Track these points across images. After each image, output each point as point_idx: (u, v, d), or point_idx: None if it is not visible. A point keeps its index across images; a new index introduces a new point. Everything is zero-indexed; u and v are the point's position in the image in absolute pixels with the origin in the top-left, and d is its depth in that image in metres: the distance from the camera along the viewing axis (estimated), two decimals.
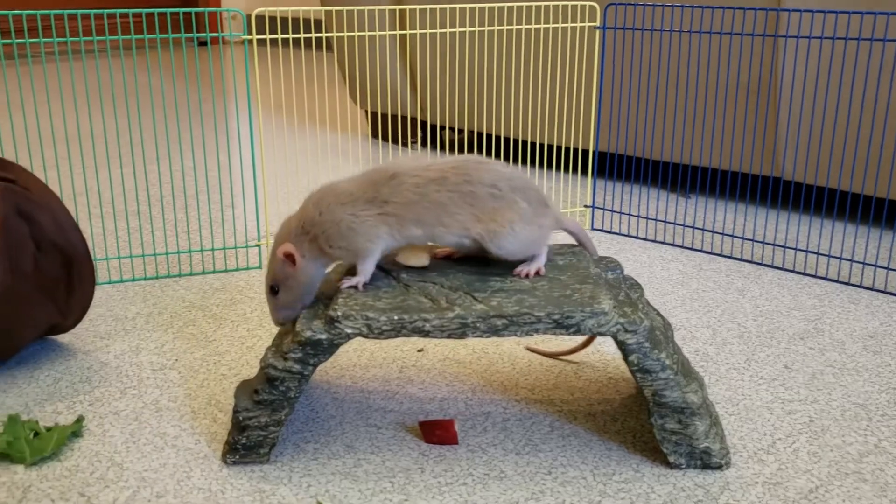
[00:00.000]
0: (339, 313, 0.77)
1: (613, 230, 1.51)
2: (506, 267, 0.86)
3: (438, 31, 1.38)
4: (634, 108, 1.62)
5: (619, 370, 1.01)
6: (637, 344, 0.77)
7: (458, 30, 1.39)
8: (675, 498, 0.76)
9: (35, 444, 0.81)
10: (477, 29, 1.42)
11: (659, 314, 0.88)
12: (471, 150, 2.11)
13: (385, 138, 2.21)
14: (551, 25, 1.42)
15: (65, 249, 0.97)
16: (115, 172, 1.76)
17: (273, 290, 0.83)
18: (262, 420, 0.80)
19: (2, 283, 0.90)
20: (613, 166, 1.90)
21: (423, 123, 2.16)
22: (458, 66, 1.68)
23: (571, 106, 1.72)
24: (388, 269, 0.87)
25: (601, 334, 0.76)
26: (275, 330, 1.10)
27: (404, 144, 2.16)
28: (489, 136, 2.06)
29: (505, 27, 1.44)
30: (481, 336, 0.76)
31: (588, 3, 1.43)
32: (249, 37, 1.25)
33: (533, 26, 1.47)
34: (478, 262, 0.88)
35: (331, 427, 0.88)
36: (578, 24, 1.41)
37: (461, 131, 2.28)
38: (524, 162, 1.97)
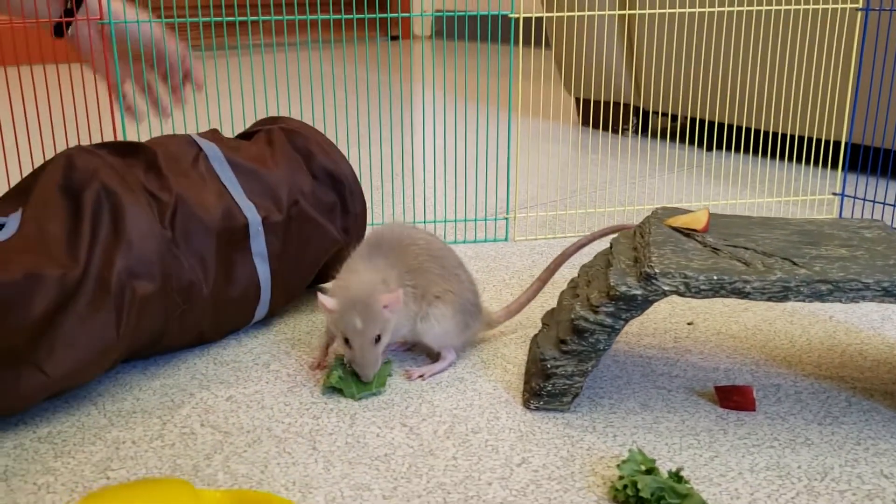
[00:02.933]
0: (657, 270, 0.79)
1: None
2: (819, 238, 0.86)
3: (674, 10, 1.38)
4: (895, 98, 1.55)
5: None
6: None
7: (696, 10, 1.37)
8: None
9: (360, 382, 0.88)
10: (717, 10, 1.40)
11: None
12: (691, 139, 2.09)
13: (595, 125, 2.22)
14: (810, 6, 1.39)
15: (335, 174, 1.04)
16: (362, 150, 1.87)
17: (377, 339, 0.87)
18: (569, 369, 0.83)
19: (287, 207, 0.98)
20: (868, 159, 1.82)
21: (637, 109, 2.16)
22: (686, 48, 1.66)
23: (818, 94, 1.67)
24: (687, 232, 0.88)
25: None
26: (544, 298, 1.14)
27: (615, 131, 2.17)
28: (711, 124, 2.02)
29: (749, 7, 1.41)
30: (803, 301, 0.76)
31: None
32: (516, 15, 1.29)
33: (792, 7, 1.43)
34: (786, 230, 0.88)
35: (620, 386, 0.90)
36: (839, 6, 1.37)
37: (676, 118, 2.25)
38: (755, 152, 1.93)
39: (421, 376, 0.91)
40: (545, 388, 0.84)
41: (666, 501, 0.68)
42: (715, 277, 0.77)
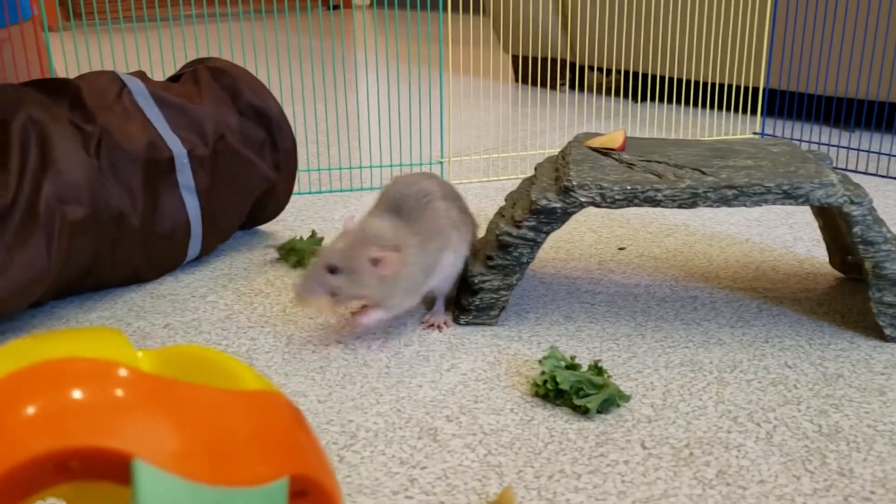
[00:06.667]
0: (575, 183, 0.83)
1: None
2: (728, 153, 0.90)
3: None
4: (808, 43, 1.61)
5: (815, 266, 1.03)
6: (861, 216, 0.80)
7: None
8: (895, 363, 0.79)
9: None
10: None
11: None
12: (625, 92, 2.14)
13: (531, 82, 2.26)
14: None
15: (262, 110, 1.05)
16: (307, 107, 1.87)
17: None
18: (495, 284, 0.87)
19: (213, 142, 0.99)
20: (784, 104, 1.89)
21: (572, 65, 2.20)
22: (611, 2, 1.71)
23: (740, 42, 1.73)
24: (605, 151, 0.92)
25: (829, 205, 0.80)
26: None
27: (552, 87, 2.20)
28: (644, 76, 2.08)
29: None
30: (711, 205, 0.81)
31: None
32: None
33: None
34: (698, 147, 0.93)
35: (546, 302, 0.94)
36: None
37: (610, 73, 2.30)
38: (686, 102, 1.99)
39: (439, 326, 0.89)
40: (473, 302, 0.88)
41: (584, 392, 0.72)
42: (629, 187, 0.81)
